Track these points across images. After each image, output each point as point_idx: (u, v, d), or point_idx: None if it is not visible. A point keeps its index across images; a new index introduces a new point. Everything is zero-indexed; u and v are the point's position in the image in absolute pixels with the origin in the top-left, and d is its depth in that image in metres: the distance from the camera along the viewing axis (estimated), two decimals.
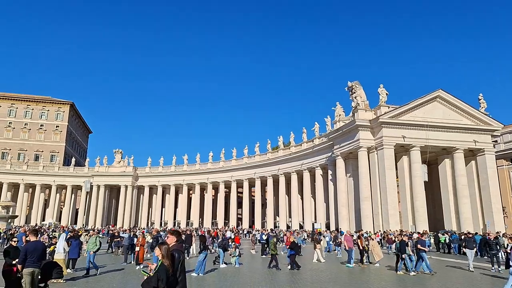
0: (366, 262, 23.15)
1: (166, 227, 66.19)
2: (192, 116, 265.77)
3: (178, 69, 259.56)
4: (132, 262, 23.38)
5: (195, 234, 34.98)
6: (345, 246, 22.83)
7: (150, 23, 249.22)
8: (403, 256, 18.86)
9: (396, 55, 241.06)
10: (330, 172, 52.08)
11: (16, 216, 64.71)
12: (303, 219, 59.53)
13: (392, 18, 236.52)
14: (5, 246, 28.39)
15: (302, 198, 60.12)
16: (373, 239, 24.33)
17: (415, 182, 41.98)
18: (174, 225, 74.63)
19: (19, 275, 10.52)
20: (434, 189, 47.76)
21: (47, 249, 15.66)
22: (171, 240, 7.57)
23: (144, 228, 56.88)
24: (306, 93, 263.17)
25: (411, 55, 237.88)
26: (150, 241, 24.20)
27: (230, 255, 22.92)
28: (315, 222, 54.84)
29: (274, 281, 16.60)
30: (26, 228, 48.50)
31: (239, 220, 74.47)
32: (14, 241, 13.42)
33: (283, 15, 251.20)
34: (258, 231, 53.85)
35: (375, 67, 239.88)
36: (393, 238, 33.88)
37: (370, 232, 37.25)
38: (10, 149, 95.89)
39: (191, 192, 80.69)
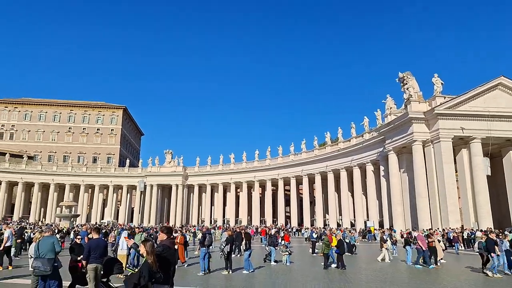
0: (433, 262, 21.64)
1: (216, 225, 67.84)
2: (233, 116, 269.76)
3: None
4: (186, 258, 24.18)
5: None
6: (421, 247, 21.46)
7: (199, 26, 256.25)
8: (492, 255, 17.43)
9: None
10: (382, 167, 50.16)
11: (78, 215, 69.86)
12: (354, 217, 57.99)
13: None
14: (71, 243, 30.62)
15: (352, 196, 58.56)
16: (433, 238, 22.92)
17: (476, 176, 39.07)
18: (224, 223, 76.25)
19: (84, 271, 11.29)
20: (498, 183, 44.08)
21: None
22: (162, 237, 7.76)
23: (194, 226, 58.74)
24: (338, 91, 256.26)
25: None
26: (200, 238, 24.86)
27: (281, 252, 22.89)
28: (368, 220, 53.17)
29: (328, 280, 16.25)
30: (88, 226, 52.21)
31: (287, 218, 74.30)
32: (79, 239, 14.40)
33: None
34: (308, 229, 53.42)
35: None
36: (454, 236, 31.95)
37: (428, 230, 35.32)
38: (71, 153, 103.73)
39: (238, 190, 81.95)
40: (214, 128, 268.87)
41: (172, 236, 8.69)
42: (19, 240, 26.86)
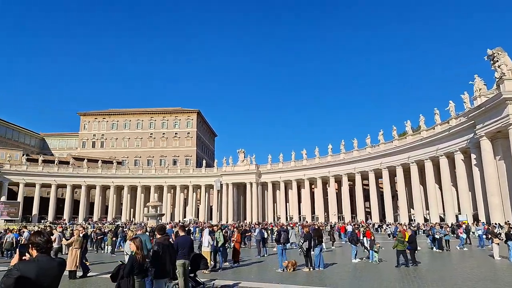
0: None
1: (291, 222, 68.12)
2: (303, 111, 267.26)
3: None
4: (265, 255, 24.81)
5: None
6: None
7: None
8: None
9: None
10: (473, 156, 45.64)
11: (163, 214, 75.54)
12: (443, 211, 53.70)
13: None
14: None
15: (440, 188, 54.26)
16: None
17: None
18: (300, 219, 76.25)
19: (174, 267, 12.30)
20: None
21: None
22: (157, 235, 10.20)
23: (271, 223, 59.73)
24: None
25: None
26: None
27: (365, 250, 22.28)
28: (459, 213, 48.85)
29: (417, 278, 15.36)
30: (172, 224, 56.21)
31: (368, 213, 71.60)
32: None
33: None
34: (389, 224, 50.87)
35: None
36: None
37: None
38: (153, 157, 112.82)
39: (313, 186, 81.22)
40: (283, 125, 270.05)
41: (165, 234, 10.51)
42: (114, 238, 30.07)
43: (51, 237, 17.04)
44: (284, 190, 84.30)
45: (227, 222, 77.15)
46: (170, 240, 11.46)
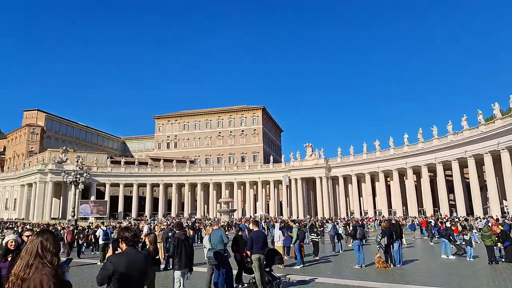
0: None
1: (366, 217, 65.65)
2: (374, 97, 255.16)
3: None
4: (340, 251, 24.20)
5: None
6: None
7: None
8: None
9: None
10: None
11: (235, 210, 77.90)
12: None
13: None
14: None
15: None
16: None
17: None
18: (375, 214, 73.15)
19: (249, 260, 12.46)
20: None
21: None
22: (176, 230, 11.63)
23: (345, 218, 58.22)
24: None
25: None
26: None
27: (454, 246, 20.66)
28: None
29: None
30: (244, 219, 57.66)
31: (452, 207, 66.13)
32: (240, 234, 16.06)
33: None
34: (479, 218, 46.35)
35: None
36: None
37: None
38: (223, 154, 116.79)
39: (388, 179, 77.25)
40: (349, 116, 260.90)
41: (183, 229, 11.24)
42: (191, 231, 31.71)
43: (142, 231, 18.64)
44: (356, 183, 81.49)
45: (297, 217, 76.92)
46: (187, 233, 11.93)
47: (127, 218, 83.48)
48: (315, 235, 21.90)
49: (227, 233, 16.88)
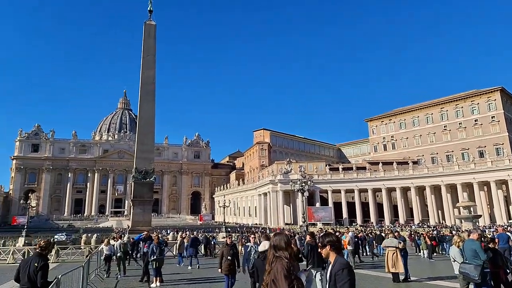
0: None
1: None
2: None
3: None
4: None
5: None
6: None
7: None
8: None
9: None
10: None
11: (480, 216, 65.08)
12: None
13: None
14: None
15: None
16: None
17: None
18: None
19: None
20: None
21: None
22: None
23: None
24: None
25: None
26: None
27: None
28: None
29: None
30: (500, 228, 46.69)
31: None
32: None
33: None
34: None
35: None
36: None
37: None
38: (453, 151, 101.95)
39: None
40: None
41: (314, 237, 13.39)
42: (430, 242, 27.46)
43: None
44: None
45: None
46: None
47: (352, 224, 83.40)
48: None
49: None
